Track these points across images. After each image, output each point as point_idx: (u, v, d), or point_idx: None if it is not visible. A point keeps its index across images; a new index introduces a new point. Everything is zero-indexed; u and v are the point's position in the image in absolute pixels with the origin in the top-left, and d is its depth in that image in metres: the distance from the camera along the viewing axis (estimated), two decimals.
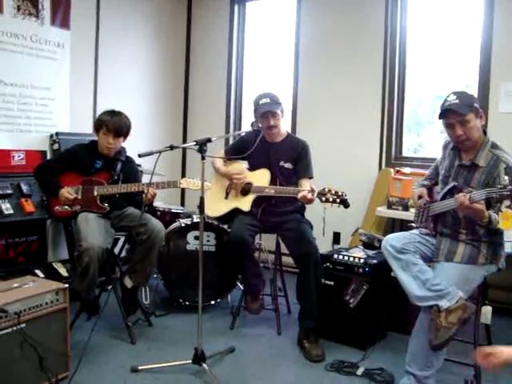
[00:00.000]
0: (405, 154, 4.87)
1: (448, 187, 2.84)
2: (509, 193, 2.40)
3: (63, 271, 4.20)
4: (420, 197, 3.03)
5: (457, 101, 2.72)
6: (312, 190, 3.23)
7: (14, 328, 2.62)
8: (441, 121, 2.84)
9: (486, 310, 3.01)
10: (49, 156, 4.44)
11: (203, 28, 5.91)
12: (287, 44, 5.40)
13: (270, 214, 3.69)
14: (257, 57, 5.80)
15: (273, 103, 3.64)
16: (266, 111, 3.62)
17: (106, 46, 5.02)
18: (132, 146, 3.79)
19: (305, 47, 5.20)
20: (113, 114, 3.57)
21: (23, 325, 2.66)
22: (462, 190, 2.75)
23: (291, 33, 5.31)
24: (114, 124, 3.50)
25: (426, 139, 5.10)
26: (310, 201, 3.26)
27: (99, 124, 3.54)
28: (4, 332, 2.58)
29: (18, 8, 4.20)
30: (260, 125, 3.65)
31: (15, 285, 2.87)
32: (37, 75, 4.41)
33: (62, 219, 3.66)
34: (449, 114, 2.75)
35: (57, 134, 4.49)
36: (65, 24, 4.56)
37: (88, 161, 3.58)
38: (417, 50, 4.78)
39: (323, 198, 3.17)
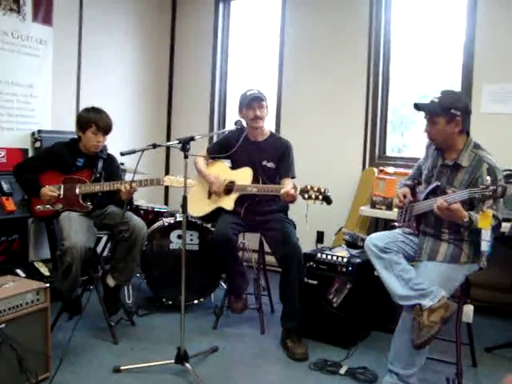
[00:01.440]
0: (389, 153, 4.89)
1: (431, 187, 2.86)
2: (491, 193, 2.41)
3: (45, 270, 4.16)
4: (404, 196, 3.04)
5: (436, 100, 2.76)
6: (294, 187, 3.23)
7: None
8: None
9: (468, 309, 3.04)
10: (30, 154, 4.38)
11: (188, 26, 5.88)
12: (272, 42, 5.40)
13: (254, 213, 3.68)
14: (241, 55, 5.79)
15: (261, 95, 3.66)
16: (254, 97, 3.63)
17: (89, 43, 4.97)
18: (114, 144, 3.76)
19: (289, 46, 5.20)
20: (97, 111, 3.53)
21: (3, 325, 2.63)
22: (445, 189, 2.77)
23: (276, 31, 5.31)
24: (103, 123, 3.47)
25: (410, 139, 5.13)
26: (293, 197, 3.26)
27: (87, 123, 3.48)
28: None
29: None
30: (245, 118, 3.67)
31: None
32: (19, 72, 4.35)
33: (43, 218, 3.62)
34: (421, 109, 2.83)
35: (39, 131, 4.43)
36: (47, 20, 4.51)
37: (69, 159, 3.54)
38: (401, 50, 4.81)
39: (306, 195, 3.17)
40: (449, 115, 2.73)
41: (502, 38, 4.14)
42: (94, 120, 3.47)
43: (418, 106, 2.84)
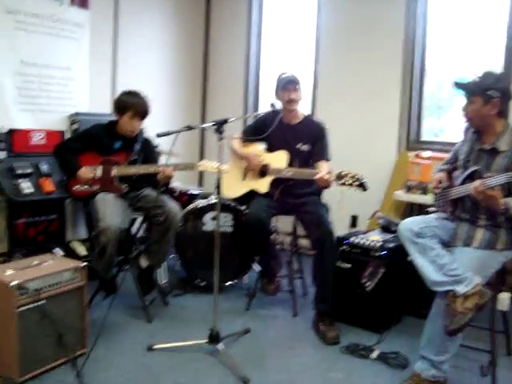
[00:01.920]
0: (425, 138, 4.81)
1: (468, 171, 2.80)
2: None
3: (82, 250, 4.25)
4: (440, 182, 3.00)
5: (477, 79, 2.70)
6: (329, 172, 3.21)
7: (34, 304, 2.67)
8: None
9: (503, 297, 2.99)
10: (68, 136, 4.45)
11: (222, 8, 5.87)
12: (307, 26, 5.34)
13: (288, 196, 3.67)
14: (276, 38, 5.75)
15: (295, 78, 3.66)
16: (289, 80, 3.63)
17: (125, 26, 5.01)
18: (150, 126, 3.79)
19: (325, 29, 5.14)
20: (135, 95, 3.55)
21: (43, 301, 2.71)
22: (482, 174, 2.71)
23: (312, 15, 5.25)
24: (140, 108, 3.50)
25: (446, 123, 5.03)
26: (327, 183, 3.24)
27: (124, 107, 3.51)
28: (24, 308, 2.64)
29: None
30: (280, 100, 3.66)
31: (35, 262, 2.92)
32: (57, 55, 4.42)
33: (80, 198, 3.69)
34: (459, 88, 2.78)
35: (76, 114, 4.50)
36: (84, 4, 4.55)
37: (107, 141, 3.59)
38: (439, 32, 4.69)
39: (341, 181, 3.15)
40: (486, 96, 2.67)
41: None
42: (131, 105, 3.49)
43: (456, 84, 2.78)
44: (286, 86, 3.63)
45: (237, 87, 5.80)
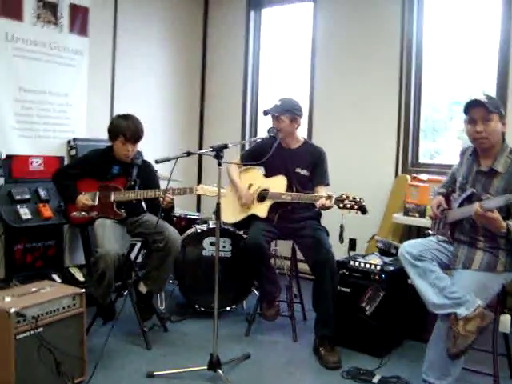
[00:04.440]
0: (421, 160, 4.84)
1: (466, 194, 2.81)
2: None
3: (80, 276, 4.23)
4: (438, 206, 3.00)
5: (486, 100, 2.71)
6: (329, 197, 3.21)
7: (32, 332, 2.64)
8: (463, 118, 2.83)
9: (505, 319, 2.97)
10: (66, 162, 4.48)
11: (219, 34, 5.95)
12: (303, 50, 5.41)
13: (287, 221, 3.67)
14: (273, 62, 5.82)
15: (279, 107, 3.67)
16: (269, 111, 3.68)
17: (123, 53, 5.07)
18: (148, 152, 3.82)
19: (321, 53, 5.21)
20: (127, 119, 3.54)
21: (41, 329, 2.68)
22: (480, 196, 2.72)
23: (307, 39, 5.32)
24: (131, 132, 3.49)
25: (442, 145, 5.06)
26: (328, 208, 3.25)
27: (116, 133, 3.52)
28: (22, 336, 2.61)
29: (38, 16, 4.25)
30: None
31: (33, 289, 2.90)
32: (55, 82, 4.46)
33: (78, 225, 3.69)
34: (475, 108, 2.73)
35: (74, 139, 4.52)
36: (83, 31, 4.61)
37: (105, 166, 3.60)
38: (433, 54, 4.75)
39: (341, 205, 3.16)
40: (500, 113, 2.73)
41: None
42: (121, 130, 3.49)
43: (477, 102, 2.72)
44: (271, 117, 3.69)
45: (235, 112, 5.83)
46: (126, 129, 3.48)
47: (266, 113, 3.70)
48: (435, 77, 4.79)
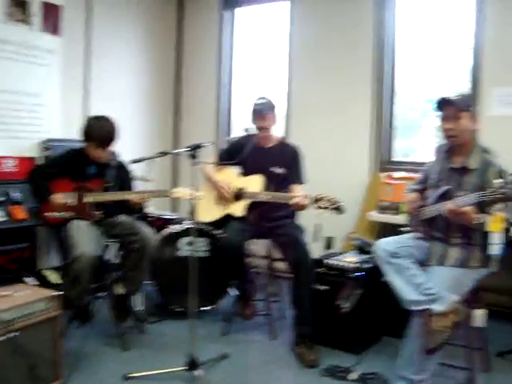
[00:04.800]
0: (396, 158, 4.89)
1: (440, 191, 2.85)
2: (502, 195, 2.41)
3: (54, 278, 4.17)
4: (413, 202, 3.03)
5: (456, 98, 2.77)
6: (306, 197, 3.22)
7: (5, 337, 2.60)
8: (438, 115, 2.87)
9: (479, 314, 3.01)
10: (39, 163, 4.40)
11: (193, 34, 5.92)
12: (276, 49, 5.42)
13: (263, 219, 3.68)
14: (247, 61, 5.82)
15: (266, 105, 3.70)
16: (256, 110, 3.68)
17: (97, 52, 5.01)
18: (124, 151, 3.77)
19: (296, 52, 5.22)
20: (99, 122, 3.49)
21: (15, 333, 2.64)
22: (454, 193, 2.76)
23: (281, 38, 5.33)
24: (102, 138, 3.44)
25: (416, 144, 5.12)
26: (304, 207, 3.26)
27: (87, 137, 3.48)
28: None
29: (9, 15, 4.18)
30: (255, 124, 3.70)
31: (7, 292, 2.84)
32: (27, 81, 4.38)
33: (53, 225, 3.63)
34: (445, 106, 2.79)
35: (48, 140, 4.45)
36: (55, 30, 4.54)
37: (80, 166, 3.55)
38: (407, 54, 4.80)
39: (316, 205, 3.17)
40: (471, 112, 2.77)
41: (511, 40, 4.12)
42: (91, 136, 3.45)
43: (445, 101, 2.80)
44: (255, 115, 3.68)
45: (209, 111, 5.81)
46: (97, 134, 3.44)
47: (260, 111, 3.69)
48: (409, 75, 4.84)
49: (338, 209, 3.16)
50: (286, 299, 3.66)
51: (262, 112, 3.67)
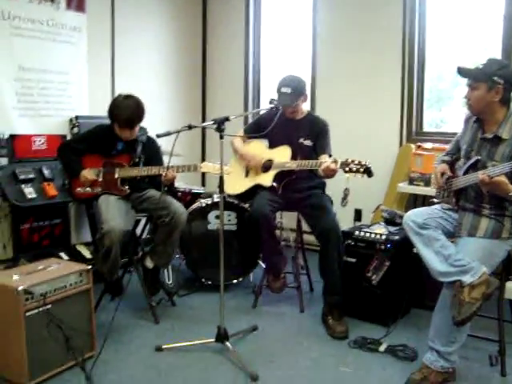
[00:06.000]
0: (426, 129, 4.80)
1: (471, 161, 2.79)
2: None
3: (86, 253, 4.26)
4: (442, 174, 2.98)
5: (481, 66, 2.70)
6: (335, 161, 3.18)
7: (41, 309, 2.68)
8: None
9: (510, 286, 2.98)
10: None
11: (219, 6, 5.87)
12: (305, 19, 5.33)
13: (291, 191, 3.66)
14: (274, 34, 5.74)
15: (292, 95, 3.59)
16: (285, 103, 3.57)
17: (122, 28, 5.01)
18: (151, 127, 3.78)
19: (323, 22, 5.13)
20: (123, 104, 3.46)
21: (49, 306, 2.71)
22: (485, 163, 2.70)
23: (309, 9, 5.24)
24: (126, 119, 3.43)
25: (447, 114, 5.01)
26: (333, 171, 3.20)
27: (112, 118, 3.49)
28: (31, 313, 2.65)
29: None
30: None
31: (40, 267, 2.92)
32: (55, 60, 4.42)
33: (83, 201, 3.69)
34: (463, 75, 2.79)
35: (76, 117, 4.50)
36: (80, 7, 4.56)
37: (109, 142, 3.58)
38: (437, 23, 4.67)
39: (347, 168, 3.12)
40: (490, 82, 2.66)
41: None
42: (116, 117, 3.45)
43: (460, 71, 2.76)
44: (281, 105, 3.57)
45: (237, 85, 5.79)
46: (121, 116, 3.43)
47: (285, 104, 3.58)
48: (440, 46, 4.71)
49: (367, 171, 3.10)
50: (316, 272, 3.66)
51: (287, 104, 3.59)
